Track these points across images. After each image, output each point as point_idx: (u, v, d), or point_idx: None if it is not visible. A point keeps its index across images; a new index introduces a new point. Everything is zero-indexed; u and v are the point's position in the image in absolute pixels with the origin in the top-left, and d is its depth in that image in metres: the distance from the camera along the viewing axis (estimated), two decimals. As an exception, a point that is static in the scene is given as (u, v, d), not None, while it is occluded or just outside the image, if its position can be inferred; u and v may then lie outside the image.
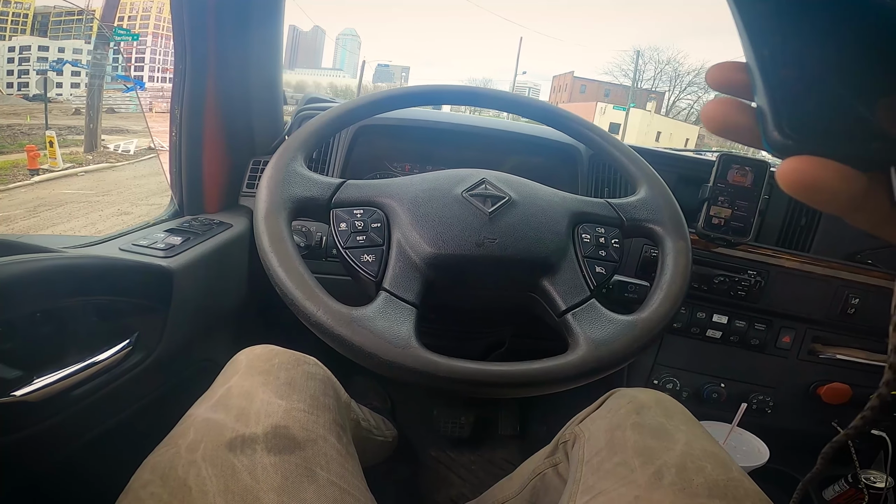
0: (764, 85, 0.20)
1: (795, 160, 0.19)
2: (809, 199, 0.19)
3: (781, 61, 0.20)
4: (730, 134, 0.22)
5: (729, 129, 0.22)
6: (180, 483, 0.39)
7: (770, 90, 0.20)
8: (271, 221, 0.46)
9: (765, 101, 0.20)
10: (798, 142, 0.19)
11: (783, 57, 0.20)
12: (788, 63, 0.20)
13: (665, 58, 27.68)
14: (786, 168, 0.19)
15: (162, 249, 0.59)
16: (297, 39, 73.35)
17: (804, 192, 0.19)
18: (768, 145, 0.20)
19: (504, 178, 0.55)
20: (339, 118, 0.57)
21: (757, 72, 0.20)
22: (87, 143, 2.83)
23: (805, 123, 0.19)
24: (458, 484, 1.06)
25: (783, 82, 0.20)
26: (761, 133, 0.20)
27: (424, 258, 0.47)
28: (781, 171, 0.19)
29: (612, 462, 0.47)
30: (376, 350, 0.41)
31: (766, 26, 0.20)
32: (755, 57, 0.20)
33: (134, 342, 0.57)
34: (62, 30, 3.23)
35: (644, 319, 0.48)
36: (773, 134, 0.20)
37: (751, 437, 0.84)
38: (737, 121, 0.21)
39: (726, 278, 0.85)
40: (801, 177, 0.19)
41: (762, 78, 0.20)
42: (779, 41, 0.20)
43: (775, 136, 0.19)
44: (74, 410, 0.51)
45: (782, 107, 0.20)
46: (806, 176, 0.19)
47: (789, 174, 0.19)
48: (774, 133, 0.20)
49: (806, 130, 0.19)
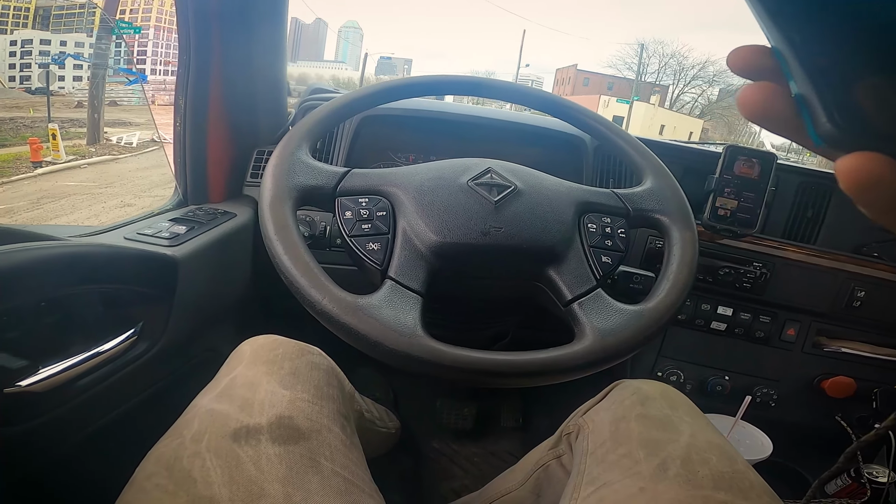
0: (804, 70, 0.18)
1: (857, 158, 0.17)
2: (869, 200, 0.18)
3: (818, 48, 0.18)
4: (768, 123, 0.20)
5: (768, 118, 0.20)
6: (185, 474, 0.39)
7: (812, 76, 0.18)
8: (276, 209, 0.46)
9: (808, 87, 0.18)
10: (854, 134, 0.17)
11: (819, 42, 0.18)
12: (826, 49, 0.18)
13: (669, 51, 27.41)
14: (847, 166, 0.17)
15: (166, 238, 0.59)
16: (300, 32, 73.08)
17: (866, 194, 0.17)
18: (817, 138, 0.18)
19: (510, 167, 0.54)
20: (343, 108, 0.57)
21: (791, 57, 0.18)
22: (90, 136, 2.83)
23: (859, 113, 0.17)
24: (461, 476, 1.06)
25: (825, 69, 0.18)
26: (807, 124, 0.18)
27: (430, 247, 0.47)
28: (843, 170, 0.17)
29: (616, 453, 0.47)
30: (382, 339, 0.41)
31: (791, 9, 0.18)
32: (785, 42, 0.18)
33: (139, 331, 0.57)
34: (64, 23, 3.22)
35: (651, 309, 0.48)
36: (824, 125, 0.17)
37: (754, 430, 0.84)
38: (777, 108, 0.19)
39: (731, 270, 0.84)
40: (865, 177, 0.17)
41: (800, 63, 0.18)
42: (810, 24, 0.18)
43: (827, 127, 0.17)
44: (79, 401, 0.51)
45: (829, 94, 0.17)
46: (872, 176, 0.17)
47: (852, 173, 0.17)
48: (826, 124, 0.17)
49: (861, 121, 0.17)
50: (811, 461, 0.96)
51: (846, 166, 0.17)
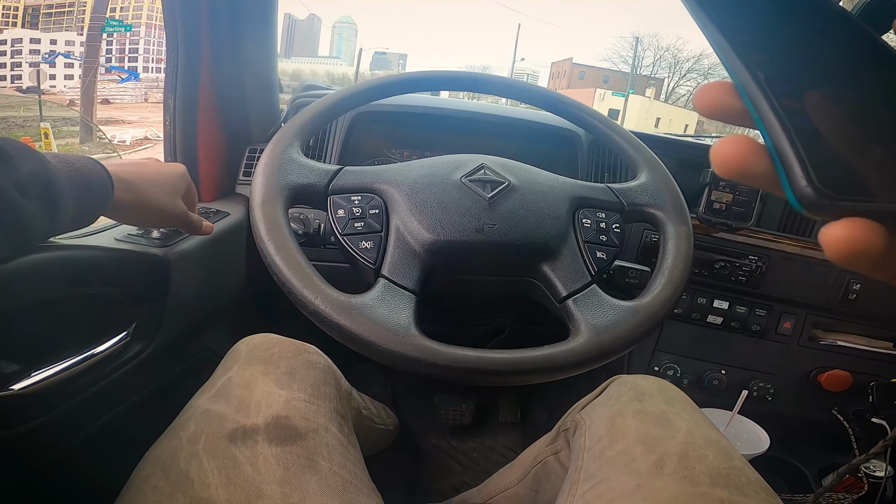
0: (774, 116, 0.16)
1: (846, 226, 0.15)
2: (858, 265, 0.16)
3: (790, 87, 0.16)
4: (750, 181, 0.18)
5: (748, 176, 0.18)
6: (182, 476, 0.39)
7: (783, 125, 0.16)
8: (268, 209, 0.46)
9: (784, 142, 0.16)
10: (836, 199, 0.15)
11: (792, 80, 0.16)
12: (801, 88, 0.16)
13: (665, 44, 27.52)
14: (836, 237, 0.15)
15: (158, 239, 0.59)
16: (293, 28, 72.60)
17: (855, 261, 0.16)
18: (795, 200, 0.16)
19: (503, 163, 0.54)
20: (335, 105, 0.56)
21: (758, 99, 0.16)
22: (83, 134, 2.82)
23: (843, 176, 0.15)
24: (460, 471, 1.06)
25: (799, 114, 0.16)
26: (783, 183, 0.16)
27: (423, 245, 0.47)
28: (830, 241, 0.16)
29: (613, 450, 0.47)
30: (375, 338, 0.41)
31: (750, 34, 0.16)
32: (750, 79, 0.16)
33: (132, 333, 0.57)
34: (54, 21, 3.21)
35: (646, 305, 0.47)
36: (803, 188, 0.15)
37: (751, 424, 0.84)
38: (757, 165, 0.17)
39: (727, 263, 0.84)
40: (854, 247, 0.15)
41: (769, 107, 0.16)
42: (777, 56, 0.16)
43: (807, 191, 0.15)
44: (74, 403, 0.51)
45: (807, 148, 0.16)
46: (860, 245, 0.15)
47: (841, 244, 0.15)
48: (805, 187, 0.15)
49: (845, 185, 0.15)
50: (808, 455, 0.96)
51: (835, 237, 0.15)
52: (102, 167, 0.44)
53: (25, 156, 0.36)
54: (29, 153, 0.37)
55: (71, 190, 0.40)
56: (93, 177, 0.43)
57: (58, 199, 0.38)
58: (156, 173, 0.51)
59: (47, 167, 0.38)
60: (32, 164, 0.37)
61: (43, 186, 0.37)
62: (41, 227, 0.38)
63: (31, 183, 0.36)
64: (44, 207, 0.37)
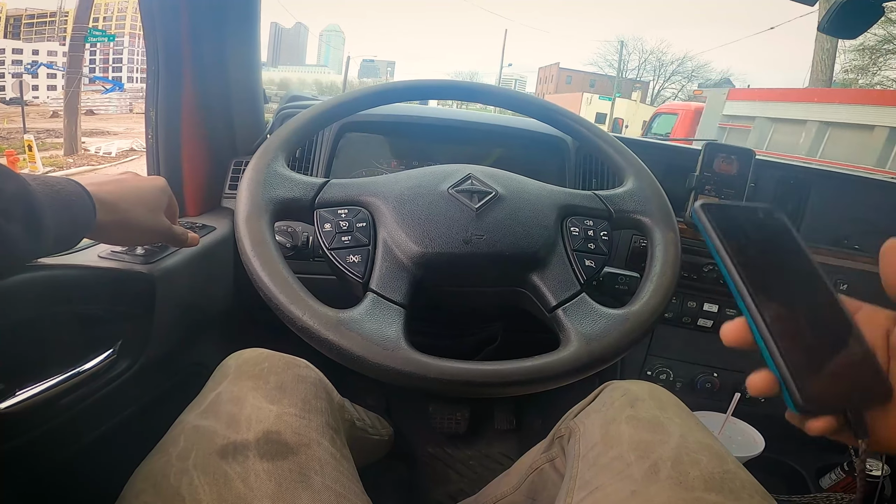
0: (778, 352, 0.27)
1: (825, 422, 0.28)
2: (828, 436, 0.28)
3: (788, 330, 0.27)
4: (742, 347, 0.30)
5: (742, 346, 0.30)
6: (173, 492, 0.39)
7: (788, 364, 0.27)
8: (253, 225, 0.45)
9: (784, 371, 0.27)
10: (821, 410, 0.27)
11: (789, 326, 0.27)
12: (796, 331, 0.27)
13: (649, 47, 27.86)
14: (817, 427, 0.28)
15: (142, 255, 0.58)
16: (280, 36, 72.46)
17: (827, 435, 0.28)
18: (795, 409, 0.27)
19: (490, 172, 0.54)
20: (320, 116, 0.56)
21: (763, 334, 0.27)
22: (67, 146, 2.78)
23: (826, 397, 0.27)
24: (456, 480, 1.06)
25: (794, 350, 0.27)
26: (785, 398, 0.27)
27: (411, 257, 0.47)
28: (813, 429, 0.28)
29: (607, 457, 0.47)
30: (364, 353, 0.40)
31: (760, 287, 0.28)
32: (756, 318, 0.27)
33: (118, 350, 0.56)
34: (35, 31, 3.17)
35: (635, 313, 0.48)
36: (801, 404, 0.26)
37: (746, 426, 0.84)
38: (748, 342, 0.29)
39: (715, 267, 0.85)
40: (827, 432, 0.28)
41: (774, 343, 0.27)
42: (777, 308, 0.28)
43: (804, 406, 0.26)
44: (60, 421, 0.50)
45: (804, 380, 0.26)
46: (831, 431, 0.28)
47: (819, 431, 0.28)
48: (803, 403, 0.26)
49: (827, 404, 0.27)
50: (804, 456, 0.97)
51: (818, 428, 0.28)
52: (83, 189, 0.43)
53: (6, 178, 0.36)
54: (9, 175, 0.36)
55: (52, 213, 0.39)
56: (74, 198, 0.42)
57: (40, 221, 0.38)
58: (136, 190, 0.50)
59: (28, 189, 0.37)
60: (13, 186, 0.36)
61: (25, 209, 0.36)
62: (24, 250, 0.37)
63: (12, 205, 0.35)
64: (26, 230, 0.36)
